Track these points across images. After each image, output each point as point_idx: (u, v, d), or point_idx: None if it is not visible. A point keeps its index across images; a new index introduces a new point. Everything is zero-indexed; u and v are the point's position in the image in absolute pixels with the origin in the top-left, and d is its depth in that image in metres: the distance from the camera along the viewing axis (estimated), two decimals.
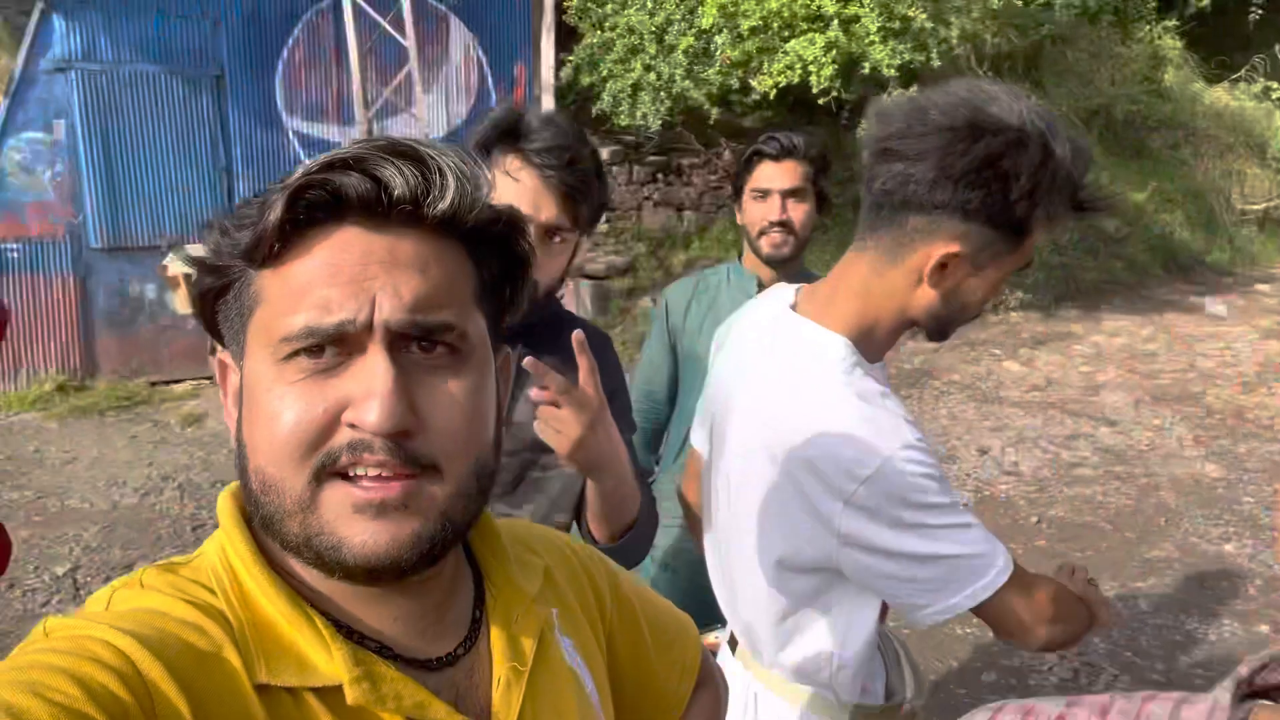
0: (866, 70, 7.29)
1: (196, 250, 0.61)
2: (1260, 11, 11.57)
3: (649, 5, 7.56)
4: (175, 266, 6.72)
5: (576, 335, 1.12)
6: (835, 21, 6.97)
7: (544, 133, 1.37)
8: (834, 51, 7.01)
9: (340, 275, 0.59)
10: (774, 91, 7.27)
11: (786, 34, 7.16)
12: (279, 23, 7.10)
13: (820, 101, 7.41)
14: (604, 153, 8.71)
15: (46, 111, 6.52)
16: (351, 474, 0.59)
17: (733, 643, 1.45)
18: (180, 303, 7.01)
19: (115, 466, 5.70)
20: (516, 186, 1.36)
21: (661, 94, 7.42)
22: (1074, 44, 11.25)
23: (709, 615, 1.51)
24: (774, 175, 2.13)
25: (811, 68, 7.06)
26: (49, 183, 6.69)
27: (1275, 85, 12.31)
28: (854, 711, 1.33)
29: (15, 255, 6.68)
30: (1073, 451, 6.25)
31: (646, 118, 7.42)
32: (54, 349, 6.89)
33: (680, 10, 7.47)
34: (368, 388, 0.58)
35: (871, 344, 1.24)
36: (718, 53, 7.36)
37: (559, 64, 7.85)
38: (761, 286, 2.15)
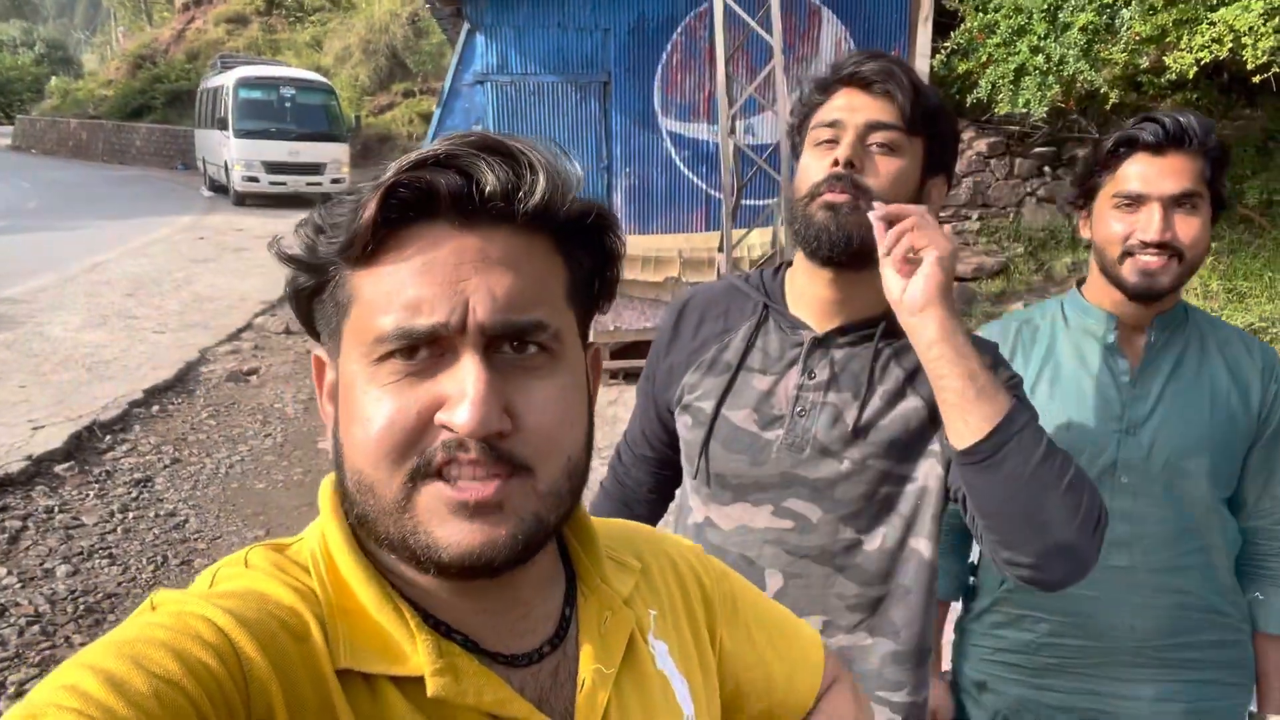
0: None
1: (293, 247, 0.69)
2: None
3: None
4: None
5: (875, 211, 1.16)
6: None
7: (854, 54, 1.28)
8: (1278, 19, 5.83)
9: (433, 276, 0.59)
10: (1193, 69, 6.23)
11: (1214, 1, 6.09)
12: (660, 29, 7.57)
13: (1256, 79, 6.21)
14: (982, 145, 8.11)
15: (468, 118, 7.60)
16: (446, 475, 0.59)
17: None
18: None
19: None
20: (829, 104, 1.26)
21: (1049, 78, 6.70)
22: None
23: None
24: (1152, 174, 1.47)
25: (1246, 39, 5.94)
26: None
27: None
28: None
29: None
30: None
31: (1029, 104, 6.75)
32: None
33: None
34: (461, 390, 0.58)
35: None
36: (1123, 28, 6.48)
37: (935, 52, 7.43)
38: (1122, 329, 1.56)
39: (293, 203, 16.71)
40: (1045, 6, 6.76)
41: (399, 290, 0.59)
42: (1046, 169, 8.30)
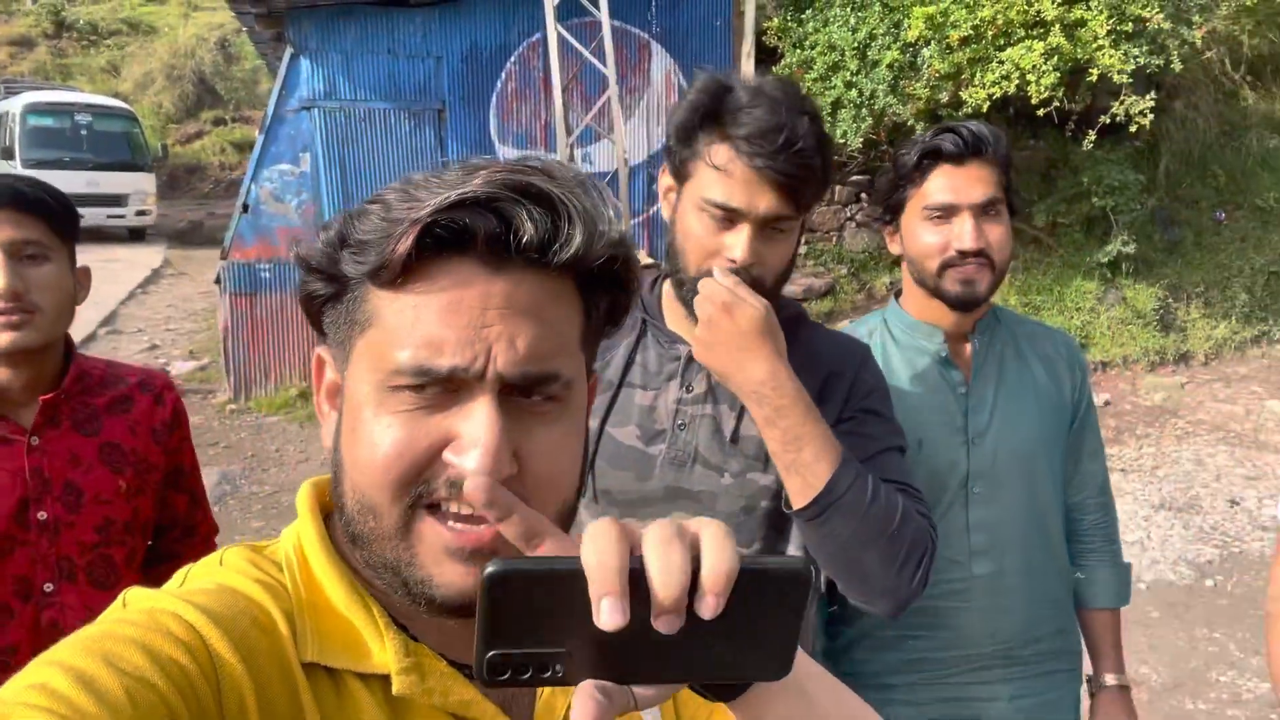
0: (1094, 77, 6.71)
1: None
2: None
3: (851, 21, 7.38)
4: None
5: None
6: (1057, 26, 6.48)
7: (753, 111, 1.17)
8: (1056, 58, 6.52)
9: (459, 318, 0.59)
10: (986, 104, 6.85)
11: (1001, 42, 6.75)
12: (494, 57, 7.58)
13: (1040, 112, 6.91)
14: None
15: (294, 146, 7.30)
16: (443, 508, 0.60)
17: None
18: None
19: None
20: (726, 180, 1.19)
21: (862, 110, 7.20)
22: None
23: None
24: (959, 184, 1.49)
25: (1030, 76, 6.61)
26: (296, 209, 7.49)
27: None
28: None
29: (267, 275, 7.52)
30: None
31: (846, 136, 7.21)
32: (298, 359, 7.66)
33: (885, 24, 7.23)
34: (474, 435, 0.58)
35: None
36: (924, 66, 7.06)
37: None
38: (948, 340, 1.59)
39: (93, 237, 15.39)
40: (856, 45, 7.26)
41: (421, 325, 0.59)
42: (863, 195, 8.88)
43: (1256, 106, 9.59)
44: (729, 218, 1.20)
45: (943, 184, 1.51)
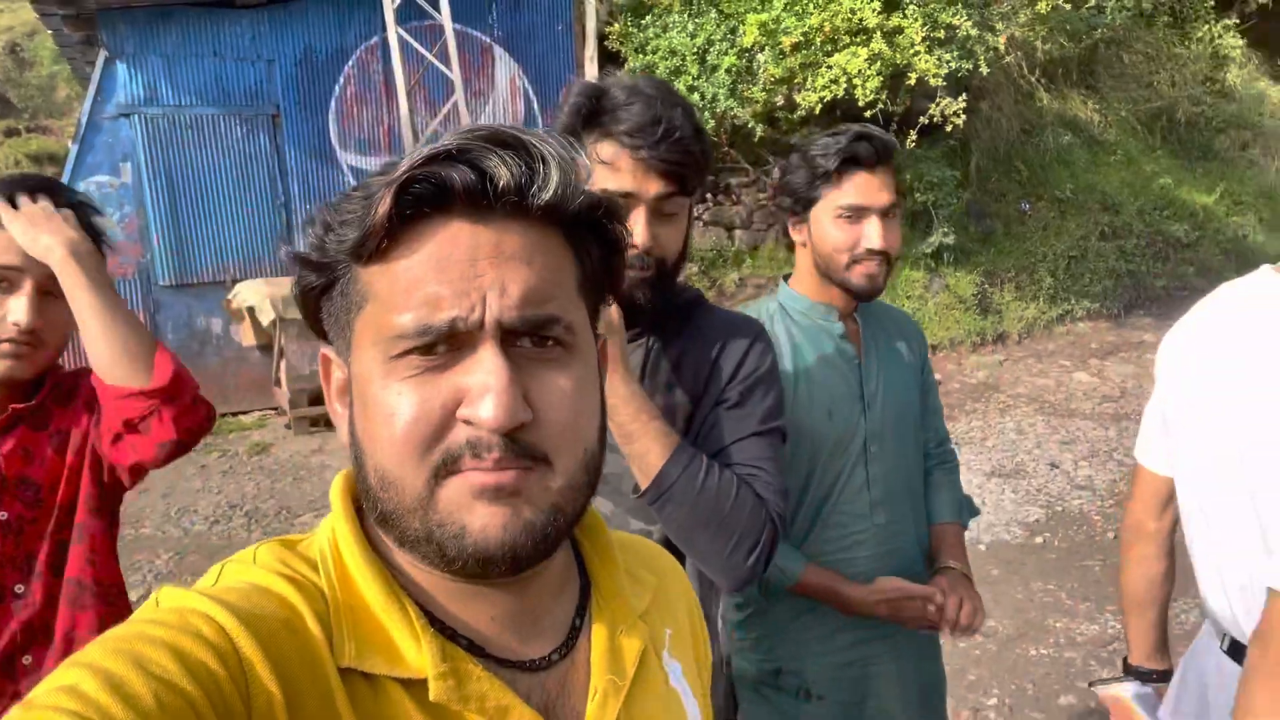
0: (913, 80, 7.21)
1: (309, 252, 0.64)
2: None
3: (689, 27, 7.62)
4: (239, 300, 6.93)
5: None
6: (878, 34, 6.92)
7: (631, 108, 1.24)
8: (878, 64, 6.96)
9: (449, 271, 0.58)
10: (819, 106, 7.24)
11: (829, 48, 7.14)
12: (330, 61, 7.33)
13: (868, 114, 7.35)
14: None
15: (113, 155, 6.81)
16: (464, 468, 0.59)
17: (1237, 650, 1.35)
18: (245, 335, 7.22)
19: (186, 495, 5.86)
20: (615, 173, 1.25)
21: (705, 114, 7.44)
22: (1129, 47, 11.00)
23: None
24: (869, 188, 1.62)
25: (856, 81, 7.02)
26: (118, 224, 6.97)
27: None
28: None
29: None
30: None
31: None
32: None
33: (721, 30, 7.51)
34: (483, 384, 0.57)
35: None
36: (760, 71, 7.37)
37: None
38: (840, 319, 1.74)
39: None
40: (696, 50, 7.48)
41: (416, 287, 0.58)
42: (709, 195, 9.15)
43: (1050, 106, 10.58)
44: (624, 205, 1.25)
45: (856, 188, 1.63)
